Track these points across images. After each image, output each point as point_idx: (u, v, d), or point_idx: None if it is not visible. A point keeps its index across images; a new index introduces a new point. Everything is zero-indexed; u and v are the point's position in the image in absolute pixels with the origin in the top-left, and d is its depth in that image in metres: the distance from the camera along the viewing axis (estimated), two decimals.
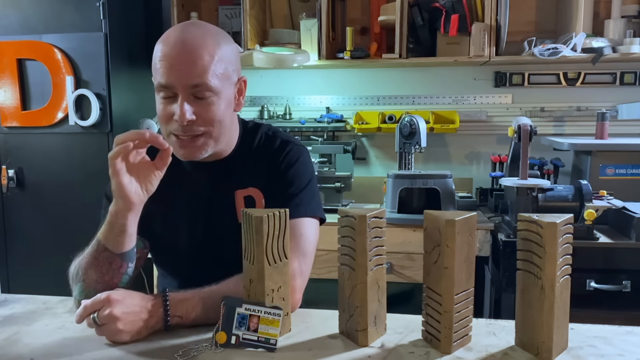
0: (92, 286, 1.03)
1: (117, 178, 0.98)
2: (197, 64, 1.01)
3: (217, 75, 1.03)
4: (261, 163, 1.19)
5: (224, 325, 0.95)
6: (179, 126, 1.04)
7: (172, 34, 1.04)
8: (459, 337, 0.93)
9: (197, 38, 1.02)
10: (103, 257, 1.02)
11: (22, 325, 1.07)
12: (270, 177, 1.18)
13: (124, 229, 1.00)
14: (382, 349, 0.94)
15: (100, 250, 1.02)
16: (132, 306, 0.96)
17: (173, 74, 1.01)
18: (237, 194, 1.17)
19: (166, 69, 1.01)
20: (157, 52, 1.04)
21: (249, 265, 0.98)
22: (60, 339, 1.01)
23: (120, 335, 0.95)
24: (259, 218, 0.94)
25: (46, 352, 0.95)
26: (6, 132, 2.54)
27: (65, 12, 2.44)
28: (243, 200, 1.17)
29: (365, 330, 0.95)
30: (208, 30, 1.06)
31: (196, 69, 1.01)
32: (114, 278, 1.03)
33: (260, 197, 1.18)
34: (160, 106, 1.06)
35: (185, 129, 1.05)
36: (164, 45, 1.03)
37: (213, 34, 1.06)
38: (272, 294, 0.97)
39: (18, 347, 0.97)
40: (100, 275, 1.02)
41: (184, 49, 1.01)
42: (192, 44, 1.01)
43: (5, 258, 2.61)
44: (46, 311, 1.15)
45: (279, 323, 0.95)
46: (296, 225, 1.13)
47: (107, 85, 2.43)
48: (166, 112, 1.05)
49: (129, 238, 1.02)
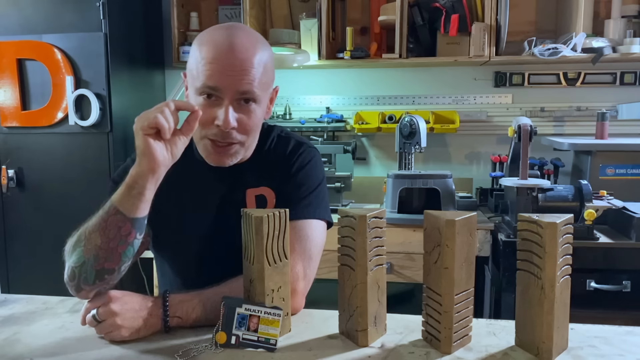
0: (92, 252, 0.96)
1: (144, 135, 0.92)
2: (249, 71, 1.01)
3: (262, 84, 1.04)
4: (273, 163, 1.19)
5: (224, 325, 0.95)
6: (218, 131, 1.04)
7: (220, 36, 1.02)
8: (459, 337, 0.93)
9: (248, 46, 1.02)
10: (113, 221, 0.95)
11: (22, 325, 1.07)
12: (282, 178, 1.18)
13: (142, 191, 0.94)
14: (382, 349, 0.94)
15: (112, 212, 0.95)
16: (131, 303, 0.97)
17: (224, 79, 1.00)
18: (249, 192, 1.17)
19: (217, 72, 1.00)
20: (203, 53, 1.02)
21: (249, 265, 0.98)
22: (60, 339, 1.01)
23: (119, 330, 0.95)
24: (259, 218, 0.94)
25: (46, 352, 0.95)
26: (6, 132, 2.54)
27: (65, 12, 2.44)
28: (254, 199, 1.17)
29: (365, 331, 0.95)
30: (256, 37, 1.06)
31: (248, 76, 1.01)
32: (120, 246, 0.96)
33: (272, 196, 1.17)
34: (201, 108, 1.01)
35: (224, 135, 1.04)
36: (213, 48, 1.01)
37: (260, 42, 1.06)
38: (272, 294, 0.97)
39: (18, 347, 0.97)
40: (106, 241, 0.95)
41: (237, 56, 1.00)
42: (245, 52, 1.01)
43: (5, 258, 2.61)
44: (46, 311, 1.15)
45: (279, 323, 0.95)
46: (303, 227, 1.12)
47: (107, 85, 2.43)
48: (207, 116, 1.03)
49: (145, 203, 0.96)
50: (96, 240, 0.96)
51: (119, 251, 0.97)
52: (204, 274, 1.07)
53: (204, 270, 1.10)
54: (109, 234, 0.95)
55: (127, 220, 0.95)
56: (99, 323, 0.96)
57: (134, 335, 0.96)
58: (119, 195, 0.96)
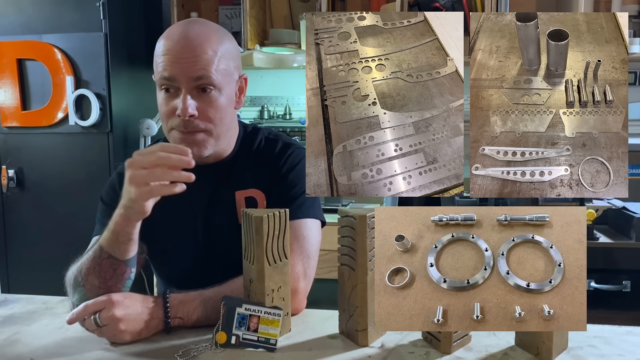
0: (94, 291, 1.01)
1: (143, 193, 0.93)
2: (201, 57, 1.02)
3: (219, 71, 1.05)
4: (262, 165, 1.19)
5: (224, 325, 0.95)
6: (180, 121, 1.04)
7: (175, 29, 1.05)
8: (459, 337, 0.93)
9: (200, 34, 1.04)
10: (106, 264, 1.00)
11: (22, 325, 1.07)
12: (272, 179, 1.17)
13: (130, 237, 0.99)
14: (382, 349, 0.94)
15: (104, 257, 1.00)
16: (133, 307, 0.96)
17: (177, 67, 1.02)
18: (238, 194, 1.17)
19: (170, 62, 1.02)
20: (160, 47, 1.05)
21: (249, 265, 0.98)
22: (60, 339, 1.01)
23: (122, 335, 0.95)
24: (259, 218, 0.94)
25: (46, 352, 0.95)
26: (6, 132, 2.54)
27: (65, 12, 2.44)
28: (244, 201, 1.17)
29: (365, 330, 0.95)
30: (210, 27, 1.08)
31: (200, 62, 1.02)
32: (118, 284, 1.02)
33: (262, 197, 1.17)
34: (162, 101, 1.06)
35: (186, 124, 1.04)
36: (168, 40, 1.04)
37: (215, 30, 1.08)
38: (272, 294, 0.97)
39: (18, 347, 0.97)
40: (103, 282, 1.01)
41: (188, 44, 1.02)
42: (196, 39, 1.03)
43: (5, 258, 2.61)
44: (46, 311, 1.15)
45: (279, 323, 0.95)
46: (299, 227, 1.12)
47: (107, 85, 2.43)
48: (169, 107, 1.05)
49: (134, 244, 1.01)
50: (94, 282, 1.01)
51: (119, 287, 1.02)
52: (199, 276, 1.07)
53: (198, 273, 1.10)
54: (105, 276, 1.00)
55: (120, 263, 1.01)
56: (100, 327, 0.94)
57: (135, 338, 0.96)
58: (107, 242, 0.99)
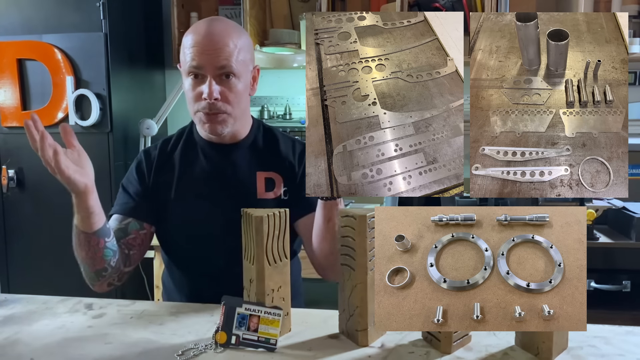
0: (84, 262, 1.17)
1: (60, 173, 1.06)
2: (224, 49, 1.19)
3: (239, 61, 1.21)
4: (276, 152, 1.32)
5: (224, 325, 0.95)
6: (206, 104, 1.20)
7: (201, 26, 1.22)
8: (459, 337, 0.93)
9: (223, 30, 1.21)
10: (82, 238, 1.13)
11: (22, 325, 1.07)
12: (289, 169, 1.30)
13: (89, 211, 1.10)
14: (382, 349, 0.94)
15: (78, 233, 1.13)
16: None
17: (204, 57, 1.18)
18: (259, 174, 1.30)
19: (198, 53, 1.18)
20: (189, 40, 1.21)
21: (249, 265, 0.98)
22: (61, 339, 1.01)
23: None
24: (259, 218, 0.94)
25: (46, 352, 0.95)
26: (6, 132, 2.54)
27: (65, 12, 2.44)
28: (264, 181, 1.29)
29: (365, 330, 0.95)
30: (231, 24, 1.25)
31: (223, 53, 1.19)
32: (97, 253, 1.15)
33: (280, 180, 1.30)
34: (190, 87, 1.22)
35: (211, 107, 1.20)
36: (195, 35, 1.20)
37: (234, 27, 1.25)
38: (272, 294, 0.97)
39: (18, 347, 0.98)
40: (85, 252, 1.14)
41: (213, 38, 1.19)
42: (220, 34, 1.20)
43: (5, 258, 2.61)
44: (46, 311, 1.15)
45: (279, 323, 0.95)
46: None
47: (107, 85, 2.43)
48: (195, 92, 1.21)
49: (97, 217, 1.12)
50: (80, 254, 1.16)
51: (99, 255, 1.15)
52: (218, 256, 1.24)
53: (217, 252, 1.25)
54: (85, 248, 1.14)
55: (91, 236, 1.13)
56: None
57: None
58: (76, 220, 1.13)
